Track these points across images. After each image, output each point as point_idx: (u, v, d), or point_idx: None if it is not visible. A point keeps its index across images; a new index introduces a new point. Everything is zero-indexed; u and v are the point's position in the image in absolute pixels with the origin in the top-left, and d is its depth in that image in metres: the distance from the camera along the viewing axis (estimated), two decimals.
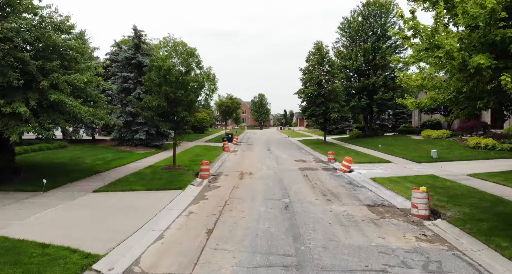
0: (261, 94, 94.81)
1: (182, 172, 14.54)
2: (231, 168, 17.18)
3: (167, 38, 32.30)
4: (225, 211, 9.12)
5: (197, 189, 12.03)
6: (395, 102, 30.74)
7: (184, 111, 14.66)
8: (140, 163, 17.17)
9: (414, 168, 15.95)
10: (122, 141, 23.44)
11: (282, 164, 18.15)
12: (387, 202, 10.19)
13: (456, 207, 8.87)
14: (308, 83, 29.95)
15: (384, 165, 17.19)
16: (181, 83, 14.85)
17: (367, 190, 11.83)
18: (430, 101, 8.10)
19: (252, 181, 13.51)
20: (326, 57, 29.79)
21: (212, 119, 61.52)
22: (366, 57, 31.67)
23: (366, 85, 31.11)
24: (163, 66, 14.22)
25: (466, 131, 22.78)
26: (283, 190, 11.66)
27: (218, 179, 14.09)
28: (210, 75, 38.75)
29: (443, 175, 13.71)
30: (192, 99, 14.75)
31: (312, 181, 13.43)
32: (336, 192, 11.42)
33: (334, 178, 14.11)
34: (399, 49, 32.62)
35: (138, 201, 9.99)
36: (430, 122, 31.55)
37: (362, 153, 22.44)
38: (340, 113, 28.99)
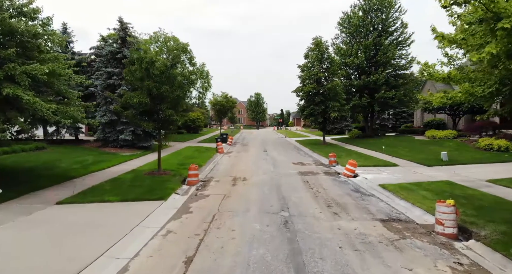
0: (258, 93, 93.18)
1: (167, 178, 12.92)
2: (224, 172, 15.58)
3: (158, 33, 30.65)
4: (212, 229, 7.52)
5: (181, 199, 10.41)
6: (397, 101, 29.44)
7: (170, 109, 13.02)
8: (122, 167, 15.50)
9: (425, 173, 14.46)
10: (106, 142, 21.73)
11: (280, 168, 16.58)
12: (404, 216, 8.65)
13: (489, 224, 7.34)
14: (307, 81, 28.41)
15: (391, 169, 15.69)
16: (167, 77, 13.21)
17: (378, 200, 10.29)
18: (465, 96, 6.55)
19: (246, 188, 11.92)
20: (326, 53, 28.26)
21: (207, 119, 59.82)
22: (367, 53, 30.20)
23: (367, 83, 29.66)
24: (145, 57, 12.57)
25: (475, 131, 21.40)
26: (282, 200, 10.09)
27: (207, 186, 12.48)
28: (204, 72, 37.10)
29: (459, 181, 12.22)
30: (178, 95, 13.12)
31: (313, 188, 11.87)
32: (343, 203, 9.86)
33: (338, 185, 12.56)
34: (401, 45, 31.18)
35: (107, 216, 8.35)
36: (434, 121, 30.16)
37: (365, 155, 20.93)
38: (340, 112, 27.50)
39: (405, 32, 31.01)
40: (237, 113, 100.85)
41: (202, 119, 46.27)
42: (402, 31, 31.01)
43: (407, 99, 29.74)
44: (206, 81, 36.13)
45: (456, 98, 6.84)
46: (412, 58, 30.68)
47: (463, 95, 6.56)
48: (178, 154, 20.73)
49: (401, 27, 31.01)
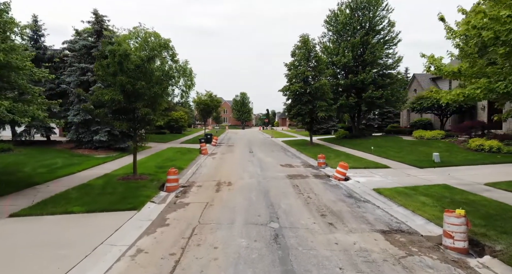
0: (243, 92, 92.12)
1: (143, 184, 11.71)
2: (207, 176, 14.46)
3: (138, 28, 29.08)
4: (191, 247, 6.45)
5: (157, 208, 9.26)
6: (385, 100, 29.01)
7: (147, 108, 11.81)
8: (94, 171, 14.15)
9: (418, 175, 13.80)
10: (80, 143, 20.18)
11: (267, 170, 15.60)
12: (405, 226, 7.82)
13: (503, 236, 6.57)
14: (294, 80, 27.57)
15: (383, 171, 14.98)
16: (143, 72, 12.00)
17: (374, 207, 9.45)
18: (484, 92, 5.70)
19: (231, 194, 10.87)
20: (313, 51, 27.50)
21: (191, 118, 58.28)
22: (354, 52, 29.62)
23: (354, 83, 29.07)
24: (117, 50, 11.32)
25: (464, 131, 21.10)
26: (270, 208, 9.09)
27: (188, 192, 11.35)
28: (187, 70, 35.75)
29: (456, 185, 11.57)
30: (156, 92, 11.92)
31: (304, 193, 10.94)
32: (337, 211, 8.96)
33: (330, 189, 11.68)
34: (388, 44, 30.79)
35: (67, 232, 7.14)
36: (421, 121, 29.94)
37: (354, 156, 20.24)
38: (327, 112, 26.79)
39: (392, 30, 30.67)
40: (222, 112, 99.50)
41: (185, 118, 44.81)
42: (389, 30, 30.64)
43: (394, 98, 29.36)
44: (189, 79, 34.82)
45: (473, 95, 6.00)
46: (399, 57, 30.38)
47: (482, 91, 5.73)
48: (157, 156, 19.44)
49: (388, 26, 30.63)
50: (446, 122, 26.75)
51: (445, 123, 26.65)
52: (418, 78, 33.51)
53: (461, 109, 24.19)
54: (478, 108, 24.44)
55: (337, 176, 13.69)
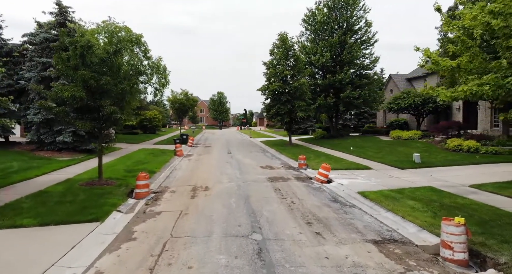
0: (220, 92, 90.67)
1: (110, 190, 10.53)
2: (182, 179, 13.43)
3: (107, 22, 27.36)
4: (161, 267, 5.51)
5: (124, 219, 8.19)
6: (362, 101, 28.99)
7: (112, 106, 10.63)
8: (55, 176, 12.74)
9: (401, 177, 13.48)
10: (41, 145, 18.44)
11: (247, 173, 14.77)
12: (397, 234, 7.25)
13: (504, 246, 6.10)
14: (273, 79, 26.91)
15: (365, 173, 14.57)
16: (109, 66, 10.81)
17: (362, 213, 8.87)
18: (493, 89, 5.15)
19: (208, 200, 9.95)
20: (291, 50, 26.99)
21: (165, 118, 56.35)
22: (332, 52, 29.42)
23: (332, 82, 28.85)
24: (79, 41, 10.09)
25: (441, 131, 21.29)
26: (252, 216, 8.28)
27: (160, 198, 10.31)
28: (160, 67, 34.12)
29: (441, 187, 11.27)
30: (124, 89, 10.76)
31: (287, 198, 10.21)
32: (323, 218, 8.29)
33: (314, 193, 11.02)
34: (365, 44, 30.83)
35: (10, 251, 5.98)
36: (398, 122, 30.22)
37: (334, 156, 19.83)
38: (306, 112, 26.38)
39: (369, 31, 30.74)
40: (199, 112, 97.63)
41: (159, 118, 43.11)
42: (366, 30, 30.69)
43: (371, 99, 29.44)
44: (163, 76, 33.19)
45: (481, 92, 5.45)
46: (376, 57, 30.50)
47: (491, 88, 5.18)
48: (128, 159, 18.09)
49: (365, 26, 30.67)
50: (422, 122, 27.06)
51: (421, 123, 26.95)
52: (394, 79, 33.93)
53: (437, 109, 24.50)
54: (453, 108, 24.87)
55: (319, 179, 13.10)
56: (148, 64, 33.25)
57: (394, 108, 26.39)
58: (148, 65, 33.16)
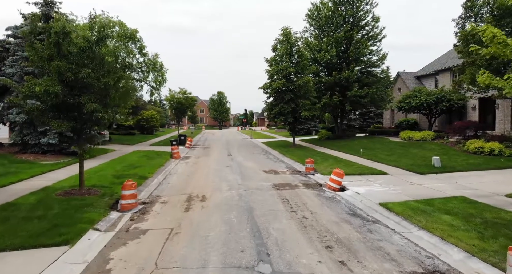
0: (220, 92, 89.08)
1: (91, 201, 9.04)
2: (176, 187, 11.93)
3: (100, 16, 25.83)
4: None
5: (101, 240, 6.69)
6: (370, 100, 27.46)
7: (94, 103, 9.12)
8: (32, 183, 11.24)
9: (423, 183, 11.98)
10: (25, 147, 16.95)
11: (249, 179, 13.27)
12: (441, 263, 5.75)
13: None
14: (275, 76, 25.45)
15: (381, 179, 13.08)
16: (90, 57, 9.31)
17: (390, 231, 7.37)
18: None
19: (204, 214, 8.45)
20: (295, 46, 25.49)
21: (164, 118, 54.84)
22: (338, 48, 27.90)
23: (338, 80, 27.33)
24: (53, 27, 8.59)
25: (457, 132, 19.79)
26: (257, 237, 6.78)
27: (149, 211, 8.81)
28: (157, 64, 32.51)
29: (475, 197, 9.78)
30: (107, 83, 9.24)
31: (298, 211, 8.71)
32: (345, 238, 6.79)
33: (328, 204, 9.52)
34: (372, 40, 29.30)
35: None
36: (407, 122, 28.68)
37: (343, 159, 18.33)
38: (311, 112, 24.92)
39: (377, 26, 29.22)
40: (199, 112, 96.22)
41: (157, 118, 41.61)
42: (373, 25, 29.17)
43: (379, 98, 27.92)
44: (160, 74, 31.57)
45: None
46: (384, 54, 28.97)
47: None
48: (119, 162, 16.58)
49: (372, 21, 29.15)
50: (433, 123, 25.56)
51: (433, 123, 25.45)
52: (402, 77, 32.41)
53: (451, 108, 22.99)
54: (468, 107, 23.37)
55: (331, 186, 11.61)
56: (144, 61, 31.58)
57: (405, 107, 24.87)
58: (144, 62, 31.51)
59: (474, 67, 15.80)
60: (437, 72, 27.71)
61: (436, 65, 28.94)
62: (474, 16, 17.51)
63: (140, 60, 28.31)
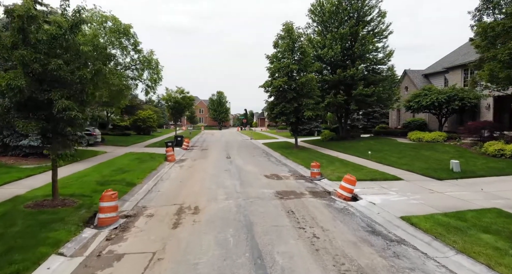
0: (220, 91, 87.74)
1: (63, 214, 7.70)
2: (167, 195, 10.57)
3: (92, 11, 24.30)
4: None
5: (62, 272, 5.34)
6: (376, 99, 26.11)
7: (68, 100, 7.77)
8: (2, 192, 9.87)
9: (445, 191, 10.63)
10: (6, 149, 15.60)
11: (249, 185, 11.92)
12: None
13: None
14: (277, 74, 24.09)
15: (396, 185, 11.73)
16: (64, 47, 7.97)
17: (421, 256, 6.03)
18: None
19: (195, 232, 7.10)
20: (298, 42, 24.15)
21: (161, 118, 53.48)
22: (343, 44, 26.55)
23: (343, 78, 25.98)
24: (15, 10, 7.24)
25: (473, 133, 18.43)
26: (258, 267, 5.44)
27: (130, 228, 7.47)
28: (152, 61, 31.01)
29: (508, 208, 8.44)
30: (83, 77, 7.87)
31: (306, 228, 7.36)
32: (368, 267, 5.45)
33: (341, 218, 8.17)
34: (378, 36, 27.94)
35: None
36: (415, 122, 27.31)
37: (350, 162, 16.98)
38: (315, 111, 23.53)
39: (383, 22, 27.87)
40: (198, 112, 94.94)
41: (154, 118, 40.27)
42: (379, 21, 27.82)
43: (385, 96, 26.58)
44: (156, 72, 30.02)
45: None
46: (391, 51, 27.60)
47: None
48: (107, 166, 15.22)
49: (378, 16, 27.79)
50: (444, 123, 24.20)
51: (443, 123, 24.09)
52: (409, 75, 31.04)
53: (464, 108, 21.64)
54: (481, 106, 22.02)
55: (342, 194, 10.27)
56: (139, 58, 30.09)
57: (414, 106, 23.49)
58: (138, 59, 30.02)
59: (495, 62, 14.43)
60: (446, 70, 26.36)
61: (445, 63, 27.59)
62: (493, 7, 16.15)
63: (135, 57, 27.01)
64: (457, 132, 22.99)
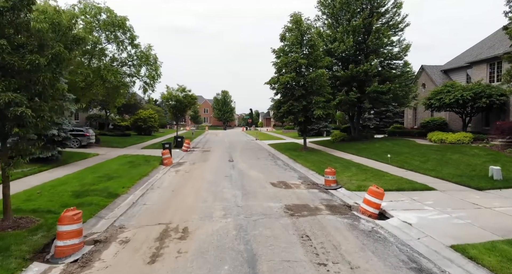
0: (225, 91, 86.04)
1: (10, 241, 5.91)
2: (153, 210, 8.74)
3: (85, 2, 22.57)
4: None
5: None
6: (392, 96, 24.03)
7: (15, 92, 5.97)
8: None
9: (494, 206, 8.64)
10: None
11: (253, 197, 10.04)
12: None
13: None
14: (284, 69, 22.17)
15: (430, 197, 9.75)
16: (14, 26, 6.17)
17: None
18: None
19: (177, 270, 5.24)
20: (307, 35, 22.19)
21: (164, 118, 51.83)
22: (355, 37, 24.53)
23: (355, 74, 23.97)
24: None
25: (506, 133, 16.32)
26: None
27: (94, 261, 5.63)
28: (150, 57, 29.10)
29: None
30: (35, 62, 6.05)
31: (328, 265, 5.44)
32: None
33: (372, 248, 6.23)
34: (394, 29, 25.81)
35: None
36: (435, 122, 25.12)
37: (368, 167, 15.01)
38: (325, 110, 21.57)
39: (399, 13, 25.76)
40: (203, 112, 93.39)
41: (155, 118, 38.62)
42: (395, 12, 25.72)
43: (402, 94, 24.49)
44: (154, 68, 28.08)
45: None
46: (407, 44, 25.48)
47: None
48: (93, 171, 13.45)
49: (393, 7, 25.70)
50: (468, 122, 22.04)
51: (467, 123, 21.93)
52: (427, 71, 28.83)
53: (492, 106, 19.49)
54: (511, 104, 19.80)
55: (366, 210, 8.35)
56: (136, 53, 28.23)
57: (435, 104, 21.37)
58: (135, 54, 28.16)
59: None
60: (469, 64, 24.15)
61: (468, 57, 25.38)
62: None
63: (132, 53, 25.33)
64: (483, 132, 20.81)
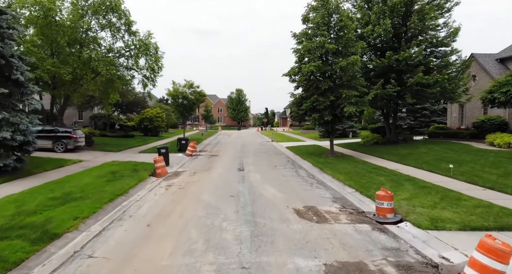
0: (239, 89, 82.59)
1: None
2: (113, 261, 5.04)
3: None
4: None
5: None
6: (439, 90, 19.64)
7: None
8: None
9: None
10: None
11: (269, 243, 6.20)
12: None
13: None
14: (307, 57, 18.21)
15: None
16: None
17: None
18: None
19: None
20: (336, 13, 18.14)
21: (173, 118, 48.63)
22: (393, 19, 20.28)
23: (394, 63, 19.75)
24: None
25: None
26: None
27: None
28: (150, 46, 25.33)
29: None
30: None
31: None
32: None
33: None
34: (439, 10, 21.30)
35: None
36: (492, 121, 20.53)
37: (427, 184, 10.87)
38: (358, 106, 17.48)
39: None
40: (216, 112, 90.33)
41: (163, 117, 35.39)
42: None
43: (451, 87, 20.06)
44: (154, 59, 24.28)
45: None
46: (457, 28, 20.97)
47: None
48: (52, 187, 9.89)
49: None
50: None
51: None
52: (479, 60, 24.17)
53: None
54: None
55: None
56: (133, 42, 24.46)
57: (500, 99, 16.91)
58: (133, 43, 24.45)
59: None
60: None
61: None
62: None
63: (130, 42, 21.96)
64: None
